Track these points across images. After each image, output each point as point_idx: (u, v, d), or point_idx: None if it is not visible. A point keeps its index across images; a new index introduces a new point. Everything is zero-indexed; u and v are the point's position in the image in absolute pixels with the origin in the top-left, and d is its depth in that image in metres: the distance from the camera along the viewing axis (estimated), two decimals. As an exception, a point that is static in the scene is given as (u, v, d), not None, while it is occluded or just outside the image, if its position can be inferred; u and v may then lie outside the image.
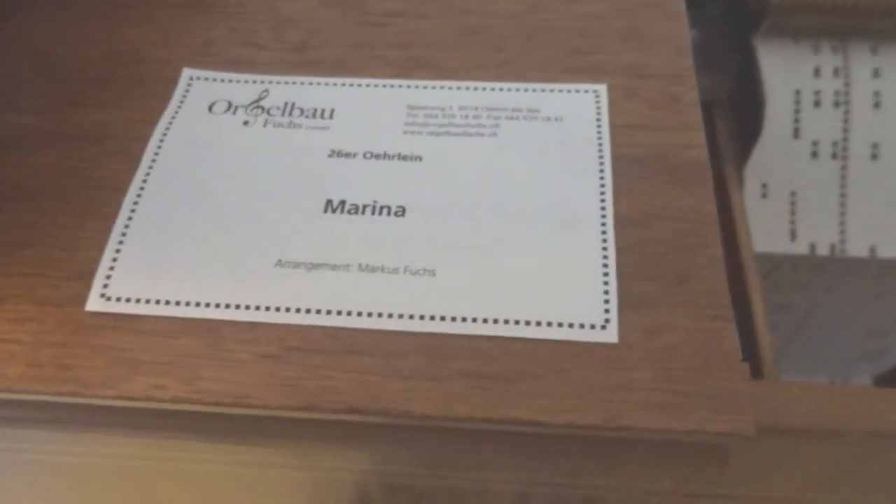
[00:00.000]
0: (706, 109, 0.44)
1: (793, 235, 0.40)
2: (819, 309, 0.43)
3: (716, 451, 0.21)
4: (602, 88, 0.27)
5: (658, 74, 0.27)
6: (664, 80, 0.27)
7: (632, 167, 0.25)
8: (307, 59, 0.29)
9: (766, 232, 0.40)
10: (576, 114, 0.26)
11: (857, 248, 0.39)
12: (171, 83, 0.28)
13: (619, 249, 0.23)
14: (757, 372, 0.35)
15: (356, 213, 0.24)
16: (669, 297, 0.22)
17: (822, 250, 0.39)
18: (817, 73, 0.40)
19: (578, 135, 0.25)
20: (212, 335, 0.22)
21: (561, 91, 0.27)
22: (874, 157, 0.40)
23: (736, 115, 0.44)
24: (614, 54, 0.28)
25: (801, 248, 0.39)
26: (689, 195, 0.24)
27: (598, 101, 0.26)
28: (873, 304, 0.43)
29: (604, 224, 0.23)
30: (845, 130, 0.39)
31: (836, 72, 0.40)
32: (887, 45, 0.40)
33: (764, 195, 0.41)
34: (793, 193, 0.41)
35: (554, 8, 0.30)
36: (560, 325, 0.21)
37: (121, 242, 0.24)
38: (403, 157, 0.25)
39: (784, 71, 0.40)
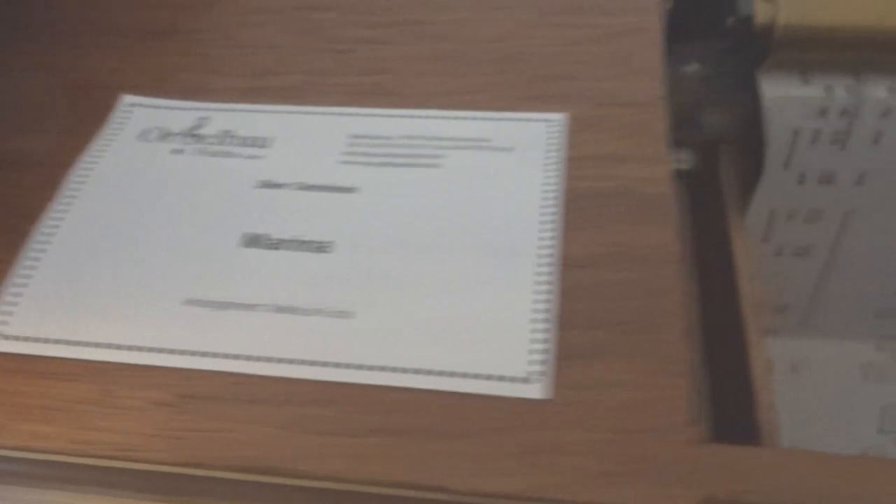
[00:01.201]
0: (714, 147, 0.42)
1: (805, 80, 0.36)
2: (856, 216, 0.38)
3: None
4: (560, 117, 0.24)
5: (626, 103, 0.25)
6: (632, 109, 0.25)
7: (586, 202, 0.23)
8: (264, 85, 0.27)
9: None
10: (528, 144, 0.24)
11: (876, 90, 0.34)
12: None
13: (563, 293, 0.21)
14: (755, 436, 0.31)
15: (276, 248, 0.22)
16: (618, 347, 0.19)
17: (840, 92, 0.35)
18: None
19: (529, 166, 0.23)
20: (106, 379, 0.20)
21: (516, 120, 0.24)
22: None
23: (745, 154, 0.41)
24: (584, 82, 0.26)
25: (815, 91, 0.35)
26: (650, 234, 0.22)
27: (554, 131, 0.24)
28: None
29: (546, 265, 0.21)
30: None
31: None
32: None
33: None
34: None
35: (531, 34, 0.28)
36: (485, 377, 0.19)
37: (28, 276, 0.22)
38: (337, 189, 0.23)
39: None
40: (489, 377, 0.19)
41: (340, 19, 0.29)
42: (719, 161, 0.41)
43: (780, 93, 0.37)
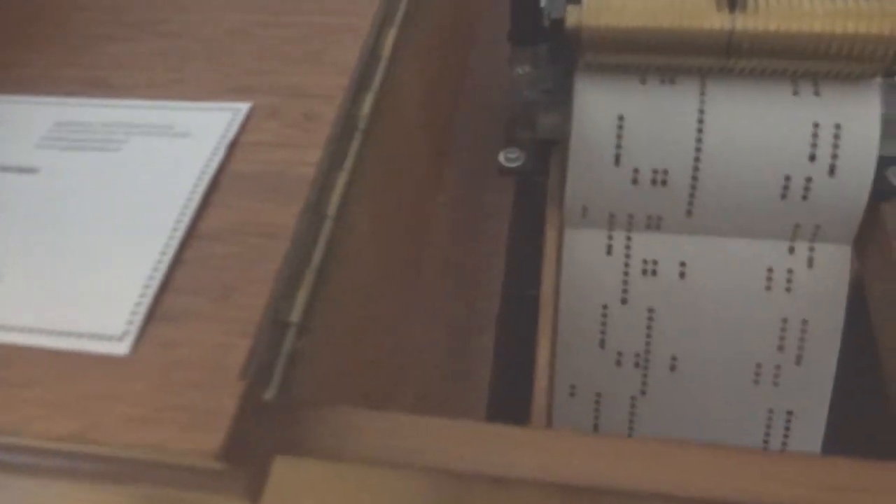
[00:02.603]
0: (548, 147, 0.43)
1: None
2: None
3: (229, 478, 0.20)
4: (244, 107, 0.27)
5: (311, 94, 0.27)
6: (313, 100, 0.27)
7: (239, 183, 0.25)
8: (10, 76, 0.30)
9: None
10: (204, 131, 0.26)
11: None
12: None
13: (180, 263, 0.23)
14: (526, 418, 0.33)
15: (-48, 220, 0.24)
16: (208, 311, 0.21)
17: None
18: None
19: (196, 151, 0.25)
20: None
21: (204, 109, 0.27)
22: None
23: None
24: (283, 75, 0.28)
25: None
26: (279, 212, 0.24)
27: (232, 119, 0.26)
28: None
29: (171, 238, 0.23)
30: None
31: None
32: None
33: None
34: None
35: (251, 32, 0.30)
36: (77, 335, 0.21)
37: None
38: (20, 170, 0.26)
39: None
40: (85, 336, 0.21)
41: (93, 18, 0.32)
42: (550, 160, 0.43)
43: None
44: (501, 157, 0.43)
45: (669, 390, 0.38)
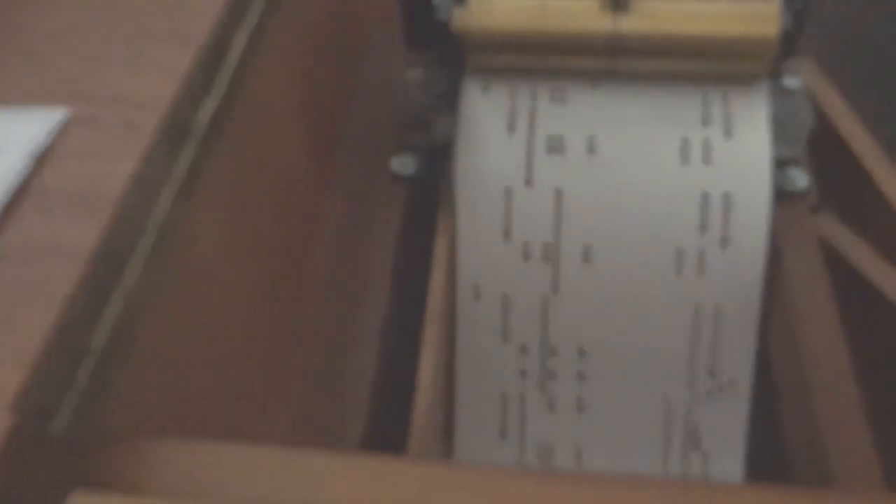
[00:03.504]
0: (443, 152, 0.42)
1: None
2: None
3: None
4: (58, 115, 0.25)
5: (136, 101, 0.25)
6: (138, 108, 0.25)
7: (42, 198, 0.22)
8: None
9: None
10: (11, 141, 0.24)
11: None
12: None
13: (-47, 288, 0.21)
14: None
15: None
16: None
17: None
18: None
19: (2, 164, 0.23)
20: None
21: (12, 118, 0.24)
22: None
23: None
24: (108, 81, 0.26)
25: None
26: (82, 229, 0.21)
27: (43, 129, 0.24)
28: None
29: (-47, 260, 0.21)
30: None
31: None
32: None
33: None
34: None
35: (79, 35, 0.28)
36: None
37: None
38: None
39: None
40: None
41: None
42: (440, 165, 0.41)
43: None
44: (394, 164, 0.41)
45: (584, 286, 0.35)
